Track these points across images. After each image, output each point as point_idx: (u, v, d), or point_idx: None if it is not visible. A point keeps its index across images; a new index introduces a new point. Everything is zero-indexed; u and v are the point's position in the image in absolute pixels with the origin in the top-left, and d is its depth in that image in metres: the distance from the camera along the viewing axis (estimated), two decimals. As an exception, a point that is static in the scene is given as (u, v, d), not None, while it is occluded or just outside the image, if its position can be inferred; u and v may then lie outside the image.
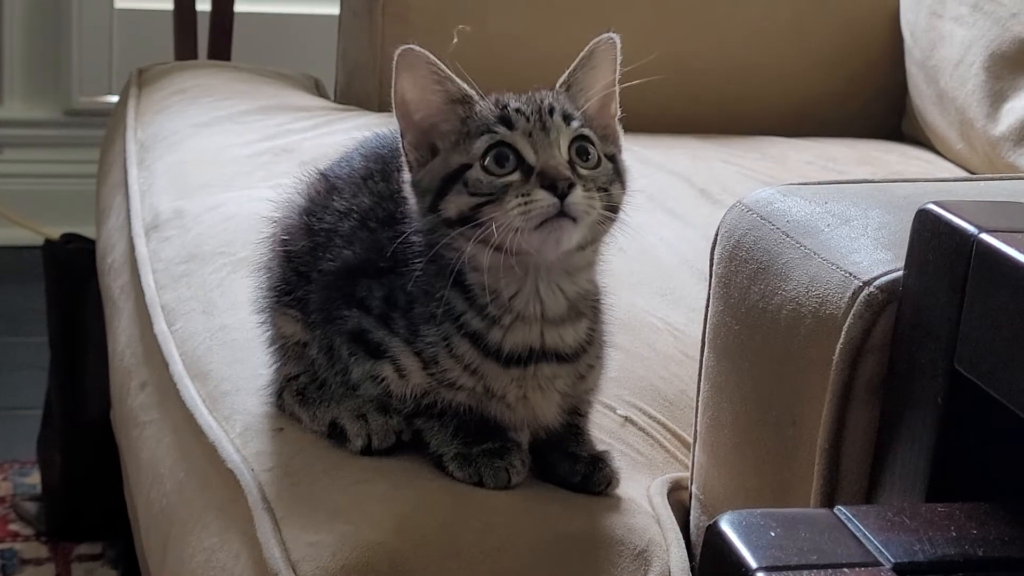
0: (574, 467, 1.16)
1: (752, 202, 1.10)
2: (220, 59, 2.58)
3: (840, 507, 0.83)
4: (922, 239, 0.91)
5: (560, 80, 1.12)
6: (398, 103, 1.11)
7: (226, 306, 1.42)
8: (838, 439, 0.98)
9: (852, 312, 0.96)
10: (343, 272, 1.15)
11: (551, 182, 1.04)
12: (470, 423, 1.12)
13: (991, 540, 0.81)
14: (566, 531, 1.10)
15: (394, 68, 1.10)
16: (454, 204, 1.07)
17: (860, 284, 0.96)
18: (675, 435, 1.28)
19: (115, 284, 1.69)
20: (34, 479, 2.32)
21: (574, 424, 1.17)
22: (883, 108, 2.29)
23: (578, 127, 1.08)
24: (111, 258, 1.75)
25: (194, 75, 2.21)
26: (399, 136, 1.12)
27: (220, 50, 2.59)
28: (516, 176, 1.06)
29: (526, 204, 1.04)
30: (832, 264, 0.99)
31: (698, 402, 1.16)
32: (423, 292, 1.10)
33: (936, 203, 0.90)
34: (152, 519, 1.30)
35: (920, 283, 0.91)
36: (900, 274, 0.94)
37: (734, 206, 1.11)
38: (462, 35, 2.14)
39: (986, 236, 0.85)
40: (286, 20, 3.33)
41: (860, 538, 0.80)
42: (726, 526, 0.80)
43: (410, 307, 1.11)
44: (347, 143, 1.26)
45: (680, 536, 1.13)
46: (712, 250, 1.13)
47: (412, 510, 1.09)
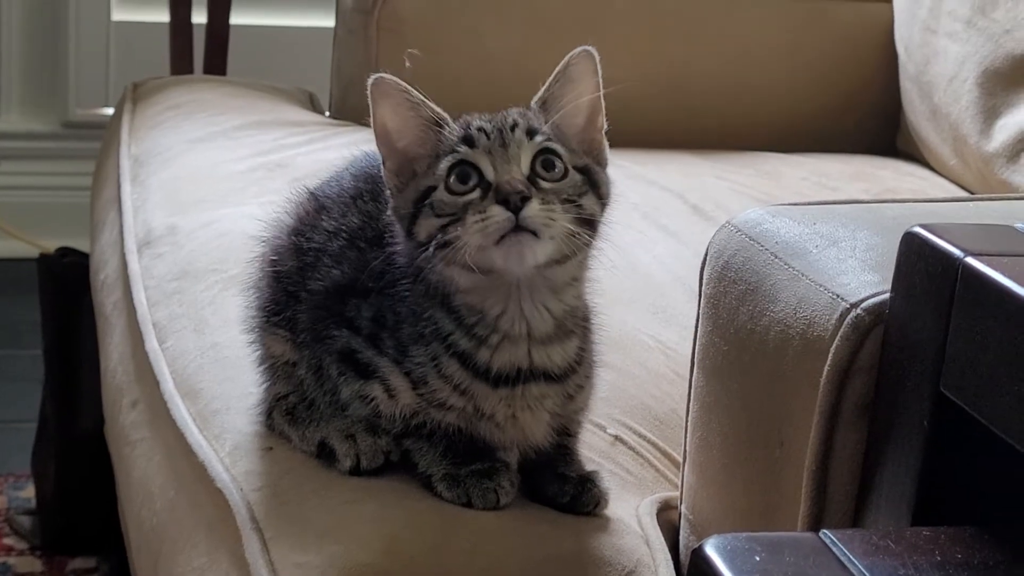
0: (563, 487, 1.16)
1: (741, 223, 1.10)
2: (216, 71, 2.59)
3: (825, 531, 0.83)
4: (908, 262, 0.91)
5: (536, 96, 1.12)
6: (379, 131, 1.11)
7: (217, 324, 1.42)
8: (825, 460, 0.98)
9: (839, 334, 0.96)
10: (332, 292, 1.16)
11: (505, 197, 1.04)
12: (459, 443, 1.12)
13: (975, 565, 0.81)
14: (555, 552, 1.10)
15: (370, 98, 1.10)
16: (424, 227, 1.08)
17: (847, 306, 0.96)
18: (665, 454, 1.28)
19: (108, 300, 1.69)
20: (29, 492, 2.32)
21: (563, 444, 1.17)
22: (877, 124, 2.29)
23: (542, 141, 1.08)
24: (104, 274, 1.75)
25: (188, 90, 2.21)
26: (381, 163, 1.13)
27: (216, 62, 2.59)
28: (476, 194, 1.06)
29: (483, 220, 1.04)
30: (820, 286, 0.99)
31: (687, 422, 1.16)
32: (411, 312, 1.11)
33: (922, 226, 0.90)
34: (143, 537, 1.30)
35: (906, 306, 0.91)
36: (887, 296, 0.94)
37: (723, 226, 1.12)
38: (461, 51, 2.16)
39: (971, 260, 0.85)
40: (282, 33, 3.33)
41: (845, 563, 0.80)
42: (711, 550, 0.80)
43: (399, 327, 1.11)
44: (340, 159, 1.26)
45: (669, 557, 1.13)
46: (701, 270, 1.13)
47: (401, 531, 1.09)
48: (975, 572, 0.81)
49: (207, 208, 1.71)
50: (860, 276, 0.98)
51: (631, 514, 1.18)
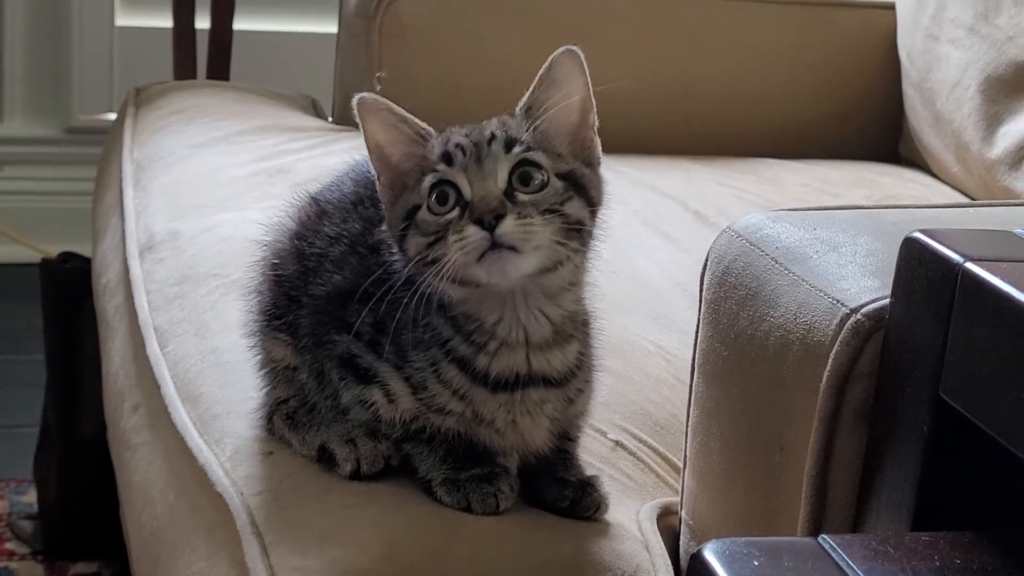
0: (563, 492, 1.16)
1: (742, 228, 1.10)
2: (219, 77, 2.59)
3: (824, 536, 0.83)
4: (908, 267, 0.91)
5: (521, 101, 1.11)
6: (372, 147, 1.12)
7: (218, 328, 1.42)
8: (825, 465, 0.98)
9: (839, 339, 0.96)
10: (333, 297, 1.16)
11: (479, 216, 1.04)
12: (459, 448, 1.13)
13: (974, 570, 0.81)
14: (554, 557, 1.10)
15: (358, 117, 1.11)
16: (412, 245, 1.08)
17: (847, 311, 0.96)
18: (666, 459, 1.28)
19: (109, 305, 1.69)
20: (31, 497, 2.32)
21: (563, 449, 1.18)
22: (880, 130, 2.29)
23: (520, 152, 1.07)
24: (106, 278, 1.75)
25: (191, 95, 2.22)
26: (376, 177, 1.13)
27: (219, 68, 2.60)
28: (455, 213, 1.06)
29: (461, 240, 1.04)
30: (820, 291, 0.99)
31: (688, 427, 1.16)
32: (411, 318, 1.11)
33: (923, 231, 0.90)
34: (143, 542, 1.30)
35: (906, 311, 0.91)
36: (887, 302, 0.94)
37: (724, 232, 1.12)
38: (463, 56, 2.16)
39: (971, 265, 0.85)
40: (285, 38, 3.34)
41: (844, 568, 0.80)
42: (710, 555, 0.80)
43: (399, 332, 1.11)
44: (342, 165, 1.26)
45: (668, 562, 1.13)
46: (702, 275, 1.13)
47: (400, 535, 1.09)
48: (974, 577, 0.81)
49: (209, 213, 1.71)
50: (860, 281, 0.98)
51: (631, 519, 1.18)
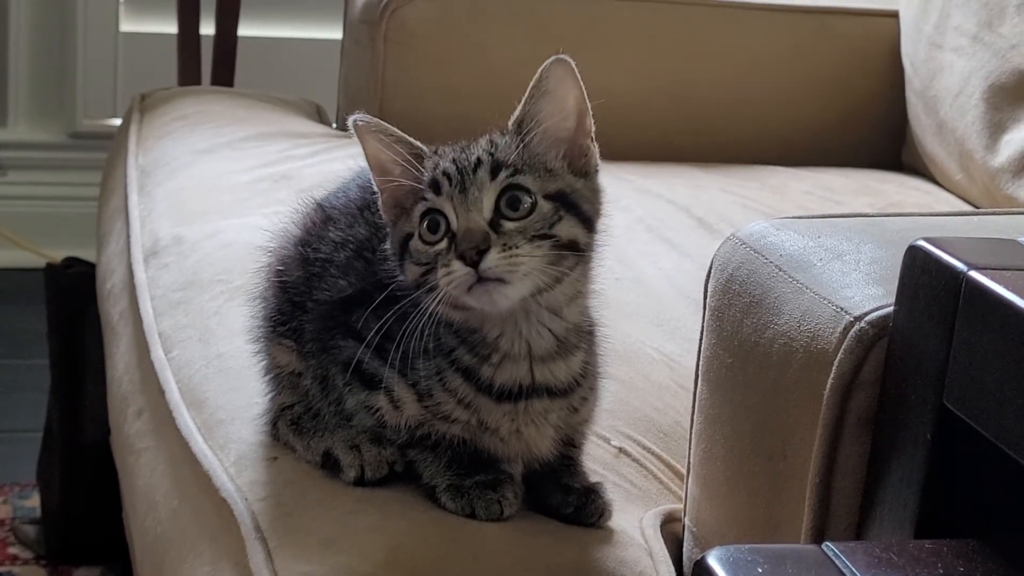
0: (567, 498, 1.16)
1: (746, 236, 1.10)
2: (223, 83, 2.60)
3: (828, 543, 0.83)
4: (912, 275, 0.91)
5: (513, 116, 1.10)
6: (373, 165, 1.12)
7: (223, 334, 1.42)
8: (829, 473, 0.98)
9: (843, 347, 0.96)
10: (339, 302, 1.16)
11: (462, 251, 1.04)
12: (463, 455, 1.13)
13: (978, 578, 0.81)
14: (557, 563, 1.10)
15: (357, 137, 1.11)
16: (409, 272, 1.08)
17: (851, 319, 0.96)
18: (669, 466, 1.28)
19: (114, 310, 1.69)
20: (34, 502, 2.33)
21: (568, 455, 1.18)
22: (883, 138, 2.29)
23: (506, 177, 1.06)
24: (110, 283, 1.76)
25: (196, 101, 2.22)
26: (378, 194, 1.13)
27: (223, 74, 2.60)
28: (444, 243, 1.06)
29: (448, 275, 1.05)
30: (824, 299, 0.99)
31: (691, 434, 1.16)
32: (416, 327, 1.11)
33: (926, 239, 0.91)
34: (147, 547, 1.30)
35: (910, 319, 0.91)
36: (891, 310, 0.94)
37: (728, 239, 1.12)
38: (467, 62, 2.16)
39: (975, 273, 0.85)
40: (289, 44, 3.34)
41: (848, 575, 0.80)
42: (714, 562, 0.80)
43: (405, 340, 1.11)
44: (346, 171, 1.26)
45: (672, 569, 1.13)
46: (706, 283, 1.13)
47: (404, 541, 1.09)
48: (977, 585, 0.81)
49: (213, 219, 1.71)
50: (864, 289, 0.98)
51: (635, 526, 1.18)
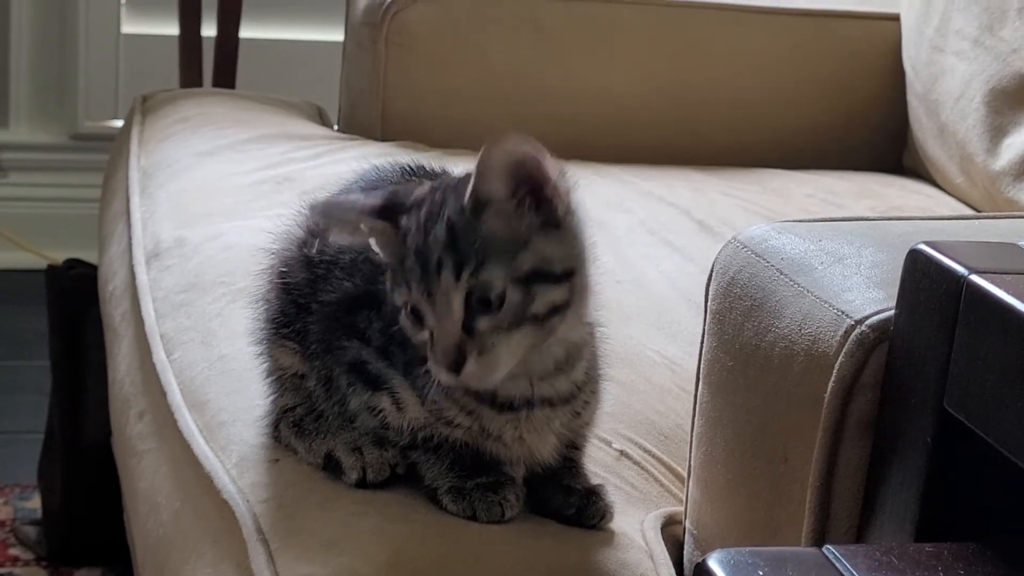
0: (568, 500, 1.16)
1: (747, 239, 1.10)
2: (225, 84, 2.60)
3: (828, 546, 0.83)
4: (913, 279, 0.91)
5: (466, 195, 1.04)
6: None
7: (225, 336, 1.42)
8: (829, 476, 0.98)
9: (844, 350, 0.96)
10: (344, 303, 1.16)
11: (439, 363, 1.04)
12: (466, 457, 1.13)
13: (978, 581, 0.82)
14: (558, 565, 1.11)
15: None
16: (408, 334, 1.08)
17: (852, 323, 0.97)
18: (670, 469, 1.29)
19: (116, 312, 1.69)
20: (35, 503, 2.33)
21: (569, 457, 1.18)
22: (884, 141, 2.29)
23: (468, 276, 1.02)
24: (112, 286, 1.76)
25: (197, 103, 2.22)
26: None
27: (225, 75, 2.60)
28: (427, 334, 1.06)
29: (435, 371, 1.05)
30: (825, 302, 1.00)
31: (692, 437, 1.16)
32: None
33: (927, 243, 0.91)
34: (148, 549, 1.30)
35: (911, 323, 0.91)
36: (892, 313, 0.95)
37: (729, 242, 1.12)
38: (469, 66, 2.16)
39: (975, 277, 0.85)
40: (291, 47, 3.34)
41: (848, 578, 0.80)
42: (714, 565, 0.80)
43: (408, 343, 1.11)
44: (349, 173, 1.26)
45: (673, 572, 1.13)
46: (707, 286, 1.13)
47: (406, 543, 1.09)
48: (977, 588, 0.81)
49: (215, 221, 1.71)
50: (865, 293, 0.99)
51: (636, 528, 1.18)
